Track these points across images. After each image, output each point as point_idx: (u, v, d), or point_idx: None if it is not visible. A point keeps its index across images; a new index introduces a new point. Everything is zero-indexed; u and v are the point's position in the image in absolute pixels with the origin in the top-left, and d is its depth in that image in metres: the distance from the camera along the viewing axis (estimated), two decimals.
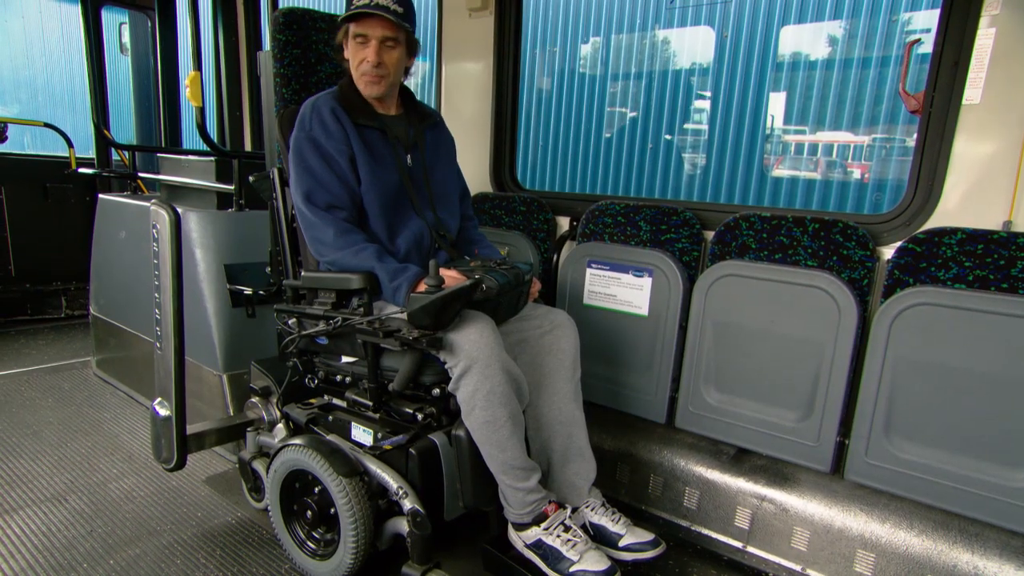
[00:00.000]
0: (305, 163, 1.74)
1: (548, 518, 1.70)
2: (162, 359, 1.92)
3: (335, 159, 1.74)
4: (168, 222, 1.80)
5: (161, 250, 1.84)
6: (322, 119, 1.75)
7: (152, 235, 1.85)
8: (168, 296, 1.86)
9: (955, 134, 1.78)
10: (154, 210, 1.83)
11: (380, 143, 1.83)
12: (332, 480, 1.67)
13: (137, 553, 1.90)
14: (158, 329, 1.91)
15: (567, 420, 1.85)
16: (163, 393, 1.95)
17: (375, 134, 1.83)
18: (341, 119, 1.76)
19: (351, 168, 1.76)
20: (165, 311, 1.87)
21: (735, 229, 2.08)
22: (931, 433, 1.74)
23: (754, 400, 2.05)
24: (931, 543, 1.76)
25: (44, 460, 2.46)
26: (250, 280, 2.61)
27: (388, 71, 1.79)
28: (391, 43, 1.77)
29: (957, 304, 1.67)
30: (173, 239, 1.82)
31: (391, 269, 1.66)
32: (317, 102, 1.79)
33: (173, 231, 1.81)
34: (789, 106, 4.95)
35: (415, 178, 1.89)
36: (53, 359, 3.68)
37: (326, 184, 1.73)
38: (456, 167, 2.09)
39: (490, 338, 1.56)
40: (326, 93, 1.82)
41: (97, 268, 3.39)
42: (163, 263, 1.85)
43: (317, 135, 1.74)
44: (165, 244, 1.83)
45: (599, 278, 2.32)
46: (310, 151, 1.74)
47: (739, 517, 2.04)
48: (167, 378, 1.92)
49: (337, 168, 1.74)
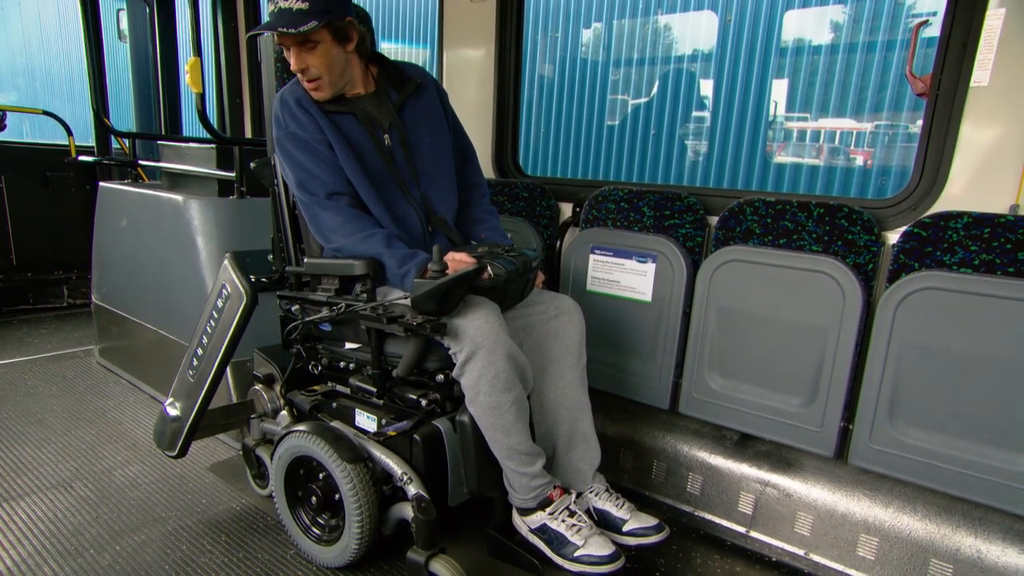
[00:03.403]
0: (294, 159, 1.71)
1: (553, 503, 1.70)
2: (193, 387, 1.95)
3: (319, 149, 1.70)
4: (243, 305, 1.80)
5: (223, 320, 1.84)
6: (292, 112, 1.70)
7: (215, 303, 1.84)
8: (215, 360, 1.90)
9: (962, 117, 1.76)
10: (229, 282, 1.82)
11: (354, 128, 1.75)
12: (336, 466, 1.67)
13: (143, 539, 1.91)
14: (195, 363, 1.94)
15: (572, 406, 1.85)
16: (180, 398, 1.97)
17: (347, 119, 1.75)
18: (309, 109, 1.70)
19: (335, 155, 1.71)
20: (207, 364, 1.91)
21: (739, 214, 2.07)
22: (935, 418, 1.74)
23: (758, 386, 2.05)
24: (934, 527, 1.77)
25: (49, 448, 2.46)
26: (252, 268, 2.61)
27: (320, 72, 1.66)
28: (309, 44, 1.63)
29: (963, 288, 1.66)
30: (242, 318, 1.84)
31: (399, 255, 1.64)
32: (284, 95, 1.73)
33: (244, 314, 1.82)
34: (792, 92, 4.91)
35: (397, 159, 1.80)
36: (56, 348, 3.69)
37: (319, 175, 1.70)
38: (447, 134, 1.93)
39: (494, 324, 1.55)
40: (291, 83, 1.76)
41: (98, 256, 3.39)
42: (221, 328, 1.86)
43: (295, 130, 1.70)
44: (230, 319, 1.84)
45: (602, 264, 2.31)
46: (294, 147, 1.70)
47: (742, 502, 2.05)
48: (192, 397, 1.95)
49: (324, 158, 1.70)
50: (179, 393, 2.00)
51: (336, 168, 1.71)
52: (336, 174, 1.71)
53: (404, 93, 1.84)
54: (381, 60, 1.87)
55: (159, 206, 2.83)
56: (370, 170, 1.74)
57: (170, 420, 2.00)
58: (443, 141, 1.91)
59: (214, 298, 1.85)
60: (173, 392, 2.01)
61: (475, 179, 2.03)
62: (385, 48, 6.65)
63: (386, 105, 1.82)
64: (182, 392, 1.98)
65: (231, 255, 1.82)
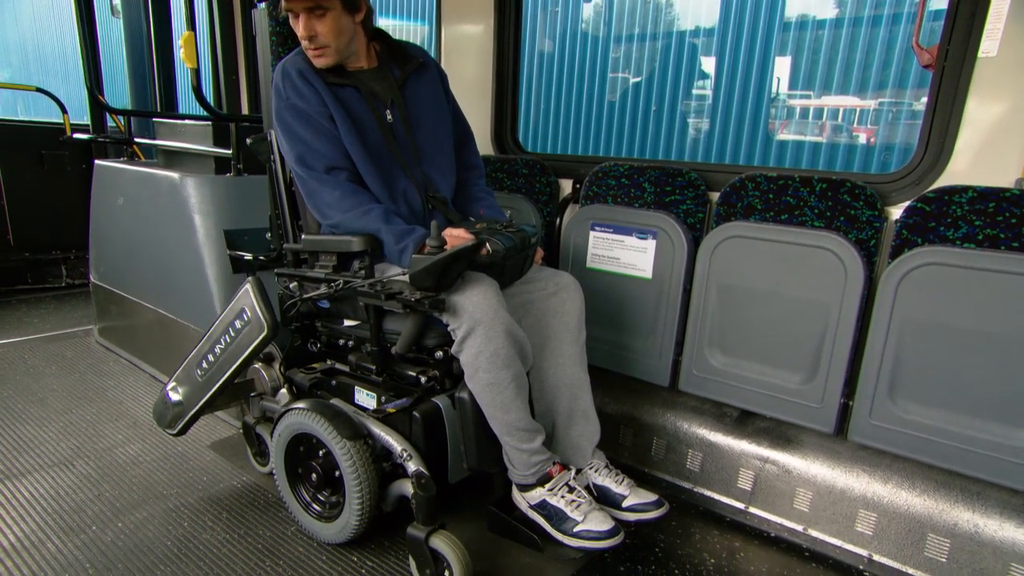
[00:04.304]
0: (293, 132, 1.68)
1: (552, 479, 1.71)
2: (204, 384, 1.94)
3: (320, 122, 1.67)
4: (262, 337, 1.77)
5: (239, 343, 1.82)
6: (294, 84, 1.67)
7: (233, 322, 1.81)
8: (224, 373, 1.89)
9: (969, 89, 1.73)
10: (250, 308, 1.79)
11: (356, 102, 1.73)
12: (336, 443, 1.67)
13: (145, 516, 1.92)
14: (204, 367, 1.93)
15: (572, 382, 1.85)
16: (184, 386, 1.98)
17: (350, 92, 1.73)
18: (312, 81, 1.68)
19: (336, 128, 1.69)
20: (216, 373, 1.90)
21: (741, 190, 2.04)
22: (936, 394, 1.74)
23: (758, 362, 2.04)
24: (932, 502, 1.77)
25: (50, 426, 2.47)
26: (250, 245, 2.59)
27: (327, 40, 1.65)
28: (319, 11, 1.62)
29: (966, 264, 1.64)
30: (258, 347, 1.82)
31: (397, 231, 1.63)
32: (286, 66, 1.70)
33: (261, 344, 1.80)
34: (795, 69, 4.86)
35: (398, 135, 1.79)
36: (55, 327, 3.68)
37: (319, 148, 1.67)
38: (450, 110, 1.94)
39: (493, 300, 1.54)
40: (293, 53, 1.73)
41: (96, 236, 3.37)
42: (235, 349, 1.85)
43: (295, 101, 1.67)
44: (246, 344, 1.82)
45: (602, 241, 2.29)
46: (294, 119, 1.68)
47: (742, 479, 2.06)
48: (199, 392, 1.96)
49: (325, 131, 1.68)
50: (184, 381, 1.98)
51: (336, 142, 1.69)
52: (336, 148, 1.69)
53: (406, 71, 1.83)
54: (383, 37, 1.86)
55: (155, 184, 2.81)
56: (371, 145, 1.73)
57: (172, 404, 1.99)
58: (443, 121, 1.91)
59: (232, 316, 1.81)
60: (177, 378, 2.00)
61: (473, 160, 2.03)
62: (383, 24, 6.56)
63: (388, 81, 1.80)
64: (187, 382, 1.97)
65: (254, 281, 1.77)
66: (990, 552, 1.67)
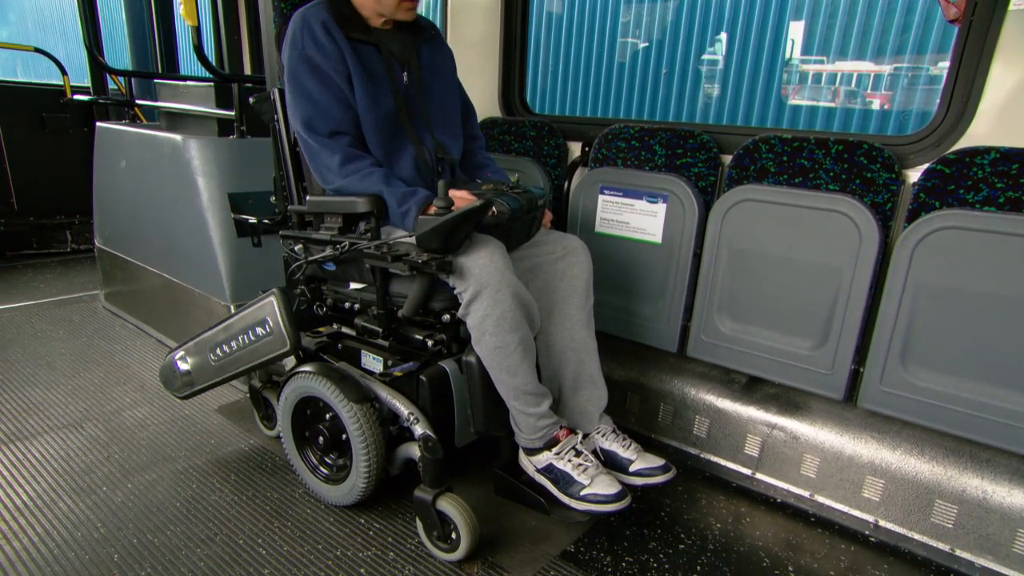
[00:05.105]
0: (302, 87, 1.64)
1: (559, 443, 1.70)
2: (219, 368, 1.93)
3: (332, 79, 1.64)
4: (282, 352, 1.75)
5: (257, 349, 1.80)
6: (314, 35, 1.63)
7: (254, 328, 1.79)
8: (237, 369, 1.89)
9: (997, 45, 1.66)
10: (273, 321, 1.75)
11: (375, 60, 1.70)
12: (343, 406, 1.67)
13: (154, 477, 1.93)
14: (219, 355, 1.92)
15: (579, 347, 1.83)
16: (194, 358, 1.97)
17: (370, 50, 1.70)
18: (334, 34, 1.64)
19: (349, 88, 1.66)
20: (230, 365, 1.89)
21: (754, 152, 1.99)
22: (949, 360, 1.71)
23: (768, 328, 2.02)
24: (941, 469, 1.76)
25: (58, 389, 2.48)
26: (254, 209, 2.57)
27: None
28: None
29: (986, 227, 1.60)
30: (274, 359, 1.81)
31: (399, 193, 1.60)
32: (307, 15, 1.66)
33: (277, 357, 1.79)
34: (809, 35, 4.73)
35: (411, 98, 1.77)
36: (61, 292, 3.69)
37: (326, 108, 1.64)
38: (457, 84, 1.96)
39: (500, 262, 1.51)
40: (314, 4, 1.69)
41: (99, 200, 3.34)
42: (252, 352, 1.83)
43: (311, 53, 1.63)
44: (263, 352, 1.79)
45: (612, 205, 2.25)
46: (306, 73, 1.64)
47: (749, 445, 2.05)
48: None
49: (335, 90, 1.64)
50: (194, 354, 1.95)
51: (345, 104, 1.65)
52: (343, 111, 1.65)
53: (421, 37, 1.83)
54: None
55: (158, 146, 2.77)
56: (384, 105, 1.71)
57: (180, 373, 1.98)
58: (453, 94, 1.92)
59: (253, 321, 1.78)
60: (187, 349, 1.97)
61: (475, 132, 2.04)
62: None
63: (406, 44, 1.78)
64: (199, 357, 1.94)
65: (279, 294, 1.74)
66: (997, 518, 1.67)
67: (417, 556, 1.64)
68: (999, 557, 1.66)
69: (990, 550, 1.67)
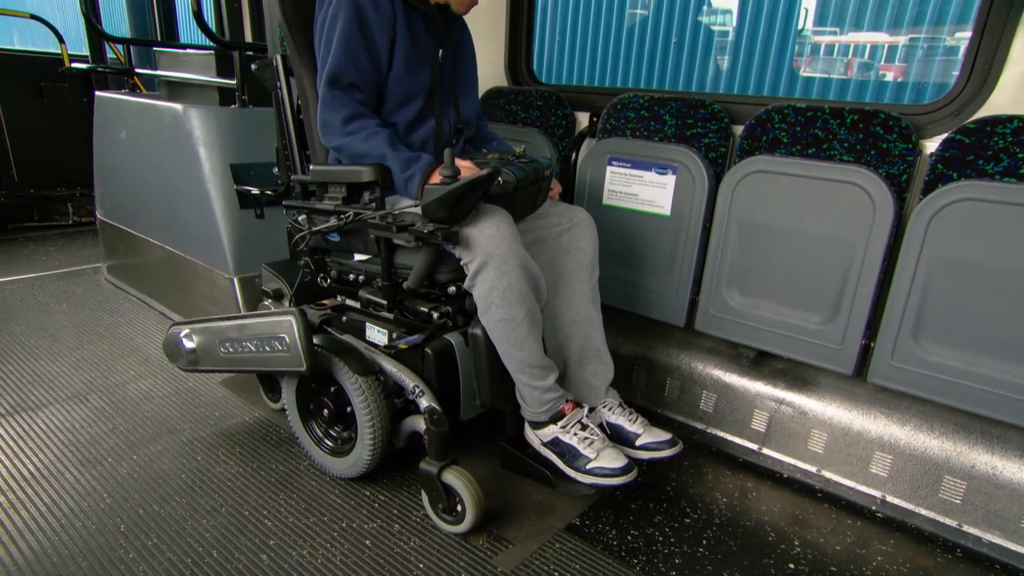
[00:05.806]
0: (345, 37, 1.58)
1: (565, 417, 1.69)
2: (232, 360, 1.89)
3: (375, 40, 1.60)
4: (297, 371, 1.71)
5: (271, 359, 1.75)
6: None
7: (270, 339, 1.74)
8: (246, 367, 1.86)
9: (1023, 10, 1.60)
10: (292, 341, 1.69)
11: (422, 31, 1.69)
12: (348, 379, 1.65)
13: (159, 449, 1.93)
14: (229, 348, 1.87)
15: (584, 321, 1.81)
16: (200, 337, 1.94)
17: (420, 19, 1.69)
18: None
19: (387, 53, 1.63)
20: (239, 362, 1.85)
21: (766, 122, 1.95)
22: (962, 335, 1.68)
23: (778, 302, 1.99)
24: (950, 444, 1.75)
25: (63, 361, 2.48)
26: (257, 180, 2.53)
27: None
28: None
29: (1005, 199, 1.56)
30: (286, 372, 1.80)
31: (404, 158, 1.56)
32: None
33: (291, 372, 1.76)
34: (823, 4, 4.61)
35: (444, 73, 1.77)
36: (64, 265, 3.67)
37: (357, 61, 1.59)
38: (476, 71, 1.96)
39: (507, 233, 1.48)
40: None
41: (100, 171, 3.30)
42: (266, 360, 1.78)
43: (365, 4, 1.58)
44: (277, 363, 1.74)
45: (620, 176, 2.21)
46: (354, 24, 1.58)
47: (756, 420, 2.04)
48: None
49: (373, 47, 1.61)
50: (201, 335, 1.90)
51: (375, 65, 1.62)
52: (372, 69, 1.62)
53: (455, 21, 1.82)
54: None
55: (158, 116, 2.72)
56: (421, 76, 1.70)
57: (186, 351, 1.94)
58: (474, 76, 1.95)
59: (268, 333, 1.73)
60: (195, 330, 1.93)
61: (480, 111, 2.05)
62: None
63: (447, 21, 1.77)
64: (206, 340, 1.90)
65: (299, 316, 1.68)
66: (1006, 494, 1.65)
67: (422, 528, 1.64)
68: (1007, 533, 1.65)
69: (998, 526, 1.66)
